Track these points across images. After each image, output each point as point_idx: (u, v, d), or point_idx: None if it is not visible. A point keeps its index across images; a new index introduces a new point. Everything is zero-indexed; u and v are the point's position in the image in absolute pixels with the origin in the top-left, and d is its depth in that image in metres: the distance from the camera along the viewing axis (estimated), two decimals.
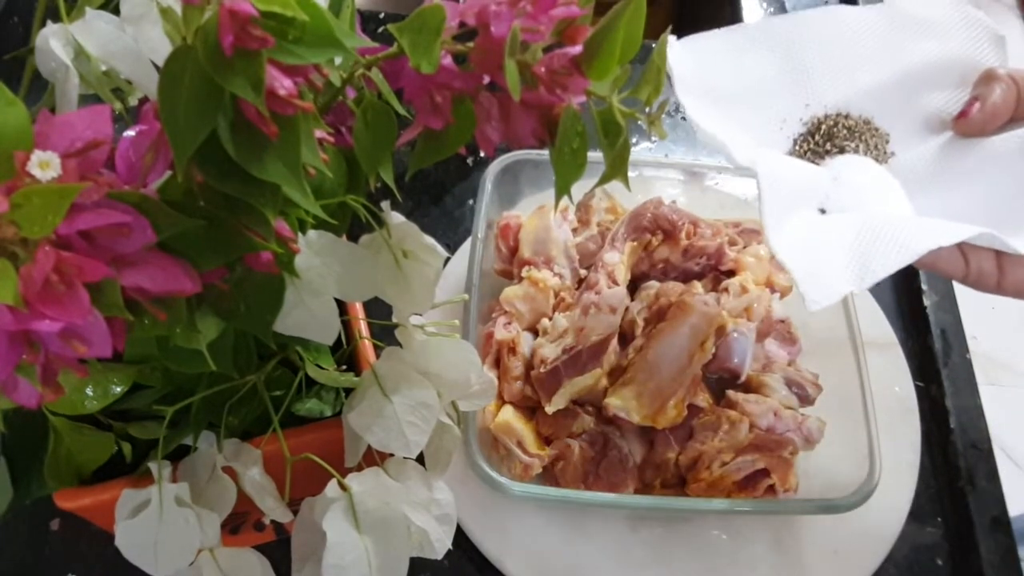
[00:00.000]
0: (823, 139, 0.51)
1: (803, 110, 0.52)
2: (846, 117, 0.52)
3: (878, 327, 0.68)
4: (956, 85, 0.51)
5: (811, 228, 0.44)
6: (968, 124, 0.49)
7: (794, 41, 0.52)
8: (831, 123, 0.52)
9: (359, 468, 0.37)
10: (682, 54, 0.51)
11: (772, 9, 0.89)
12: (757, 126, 0.52)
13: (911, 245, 0.41)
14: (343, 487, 0.35)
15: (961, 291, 0.70)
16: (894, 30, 0.52)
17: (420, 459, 0.37)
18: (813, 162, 0.51)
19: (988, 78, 0.48)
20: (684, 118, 0.81)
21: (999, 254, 0.45)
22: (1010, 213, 0.47)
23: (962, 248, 0.45)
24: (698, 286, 0.61)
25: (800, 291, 0.41)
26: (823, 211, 0.47)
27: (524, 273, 0.61)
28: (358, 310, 0.45)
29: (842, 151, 0.51)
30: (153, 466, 0.35)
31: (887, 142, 0.52)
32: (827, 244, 0.43)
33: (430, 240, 0.36)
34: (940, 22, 0.52)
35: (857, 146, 0.51)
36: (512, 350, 0.58)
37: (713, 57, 0.51)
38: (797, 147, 0.52)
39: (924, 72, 0.51)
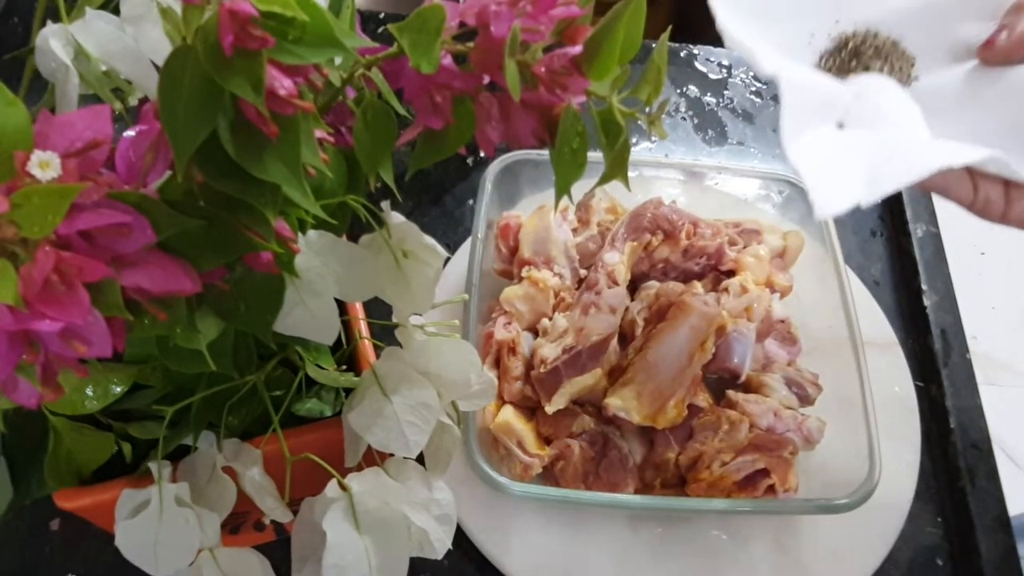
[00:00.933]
0: (849, 56, 0.51)
1: (832, 25, 0.52)
2: (875, 36, 0.52)
3: (878, 327, 0.68)
4: (987, 16, 0.51)
5: (827, 141, 0.44)
6: (993, 52, 0.48)
7: None
8: (859, 40, 0.51)
9: (359, 468, 0.37)
10: None
11: None
12: (785, 38, 0.51)
13: (920, 162, 0.41)
14: (343, 487, 0.35)
15: (961, 291, 0.70)
16: None
17: (420, 459, 0.37)
18: (838, 78, 0.51)
19: (1018, 8, 0.48)
20: (684, 118, 0.81)
21: (1008, 185, 0.45)
22: None
23: (972, 175, 0.45)
24: (698, 286, 0.61)
25: (810, 197, 0.41)
26: (841, 126, 0.47)
27: (524, 273, 0.61)
28: (358, 310, 0.45)
29: (867, 69, 0.51)
30: (153, 466, 0.35)
31: (912, 65, 0.52)
32: (841, 156, 0.43)
33: (430, 240, 0.36)
34: None
35: (883, 66, 0.51)
36: (512, 350, 0.58)
37: None
38: (823, 62, 0.52)
39: (958, 1, 0.51)
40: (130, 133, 0.27)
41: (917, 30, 0.52)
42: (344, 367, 0.42)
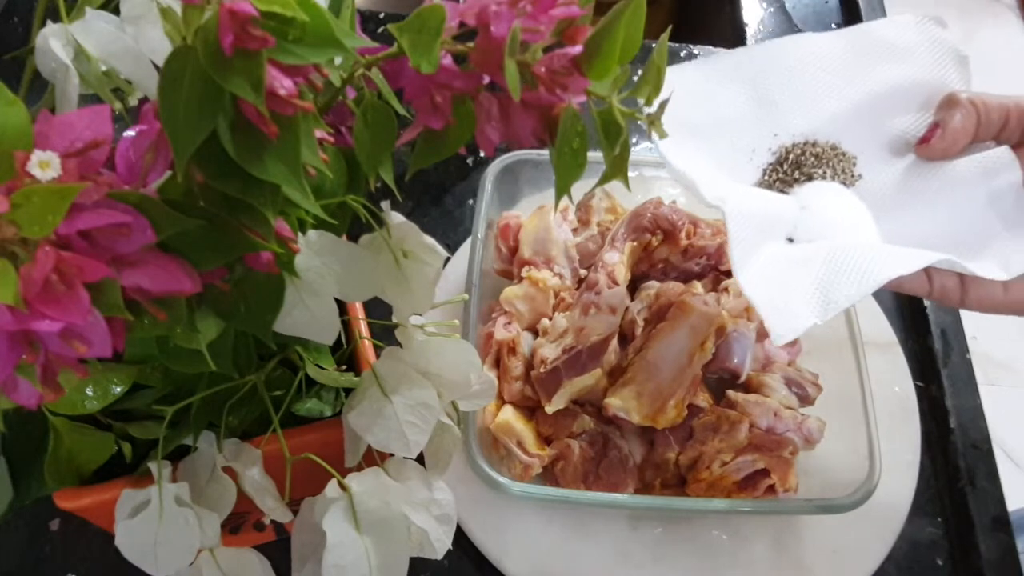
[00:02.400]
0: (791, 168, 0.52)
1: (771, 140, 0.53)
2: (813, 145, 0.53)
3: (878, 327, 0.68)
4: (920, 108, 0.52)
5: (778, 261, 0.45)
6: (930, 150, 0.50)
7: (762, 72, 0.53)
8: (799, 152, 0.53)
9: (359, 468, 0.37)
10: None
11: (772, 9, 0.89)
12: (728, 157, 0.53)
13: (873, 274, 0.42)
14: (343, 487, 0.35)
15: None
16: (859, 55, 0.53)
17: (420, 459, 0.37)
18: (782, 191, 0.52)
19: (949, 103, 0.49)
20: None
21: (962, 273, 0.46)
22: (971, 235, 0.49)
23: (926, 269, 0.46)
24: (698, 286, 0.61)
25: (765, 326, 0.42)
26: (791, 240, 0.48)
27: (524, 273, 0.61)
28: (358, 310, 0.45)
29: (810, 178, 0.52)
30: (153, 466, 0.35)
31: (854, 165, 0.53)
32: (793, 276, 0.44)
33: (430, 240, 0.36)
34: (904, 44, 0.53)
35: (825, 172, 0.52)
36: (512, 350, 0.58)
37: (685, 91, 0.52)
38: (766, 177, 0.53)
39: (889, 96, 0.52)
40: (130, 133, 0.27)
41: (854, 131, 0.53)
42: (344, 367, 0.42)
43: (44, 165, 0.23)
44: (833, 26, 0.88)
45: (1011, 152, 0.49)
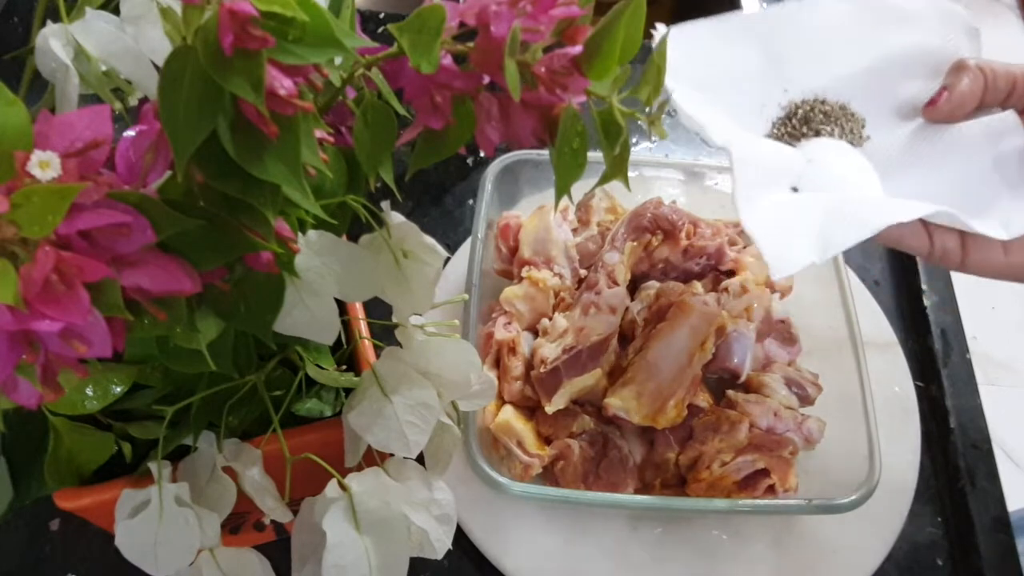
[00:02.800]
0: (800, 123, 0.53)
1: (782, 95, 0.54)
2: (823, 102, 0.53)
3: (878, 327, 0.68)
4: (930, 74, 0.52)
5: (781, 206, 0.46)
6: (936, 112, 0.50)
7: (774, 30, 0.54)
8: (808, 107, 0.53)
9: (359, 468, 0.37)
10: (671, 43, 0.52)
11: None
12: (737, 109, 0.53)
13: (871, 220, 0.43)
14: (343, 487, 0.35)
15: (961, 291, 0.70)
16: (871, 19, 0.53)
17: (420, 459, 0.37)
18: (790, 143, 0.52)
19: (958, 68, 0.50)
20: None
21: (963, 234, 0.46)
22: (975, 195, 0.49)
23: (927, 227, 0.47)
24: (698, 286, 0.61)
25: (764, 260, 0.43)
26: (796, 190, 0.49)
27: (524, 273, 0.61)
28: (358, 310, 0.45)
29: (818, 134, 0.52)
30: (153, 466, 0.35)
31: (863, 126, 0.53)
32: (795, 219, 0.45)
33: (430, 240, 0.36)
34: (917, 13, 0.53)
35: (833, 130, 0.52)
36: (512, 350, 0.58)
37: (699, 46, 0.52)
38: (775, 130, 0.53)
39: (900, 60, 0.53)
40: (130, 133, 0.27)
41: (864, 93, 0.53)
42: (344, 367, 0.42)
43: (44, 165, 0.23)
44: None
45: (1016, 116, 0.49)
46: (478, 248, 0.61)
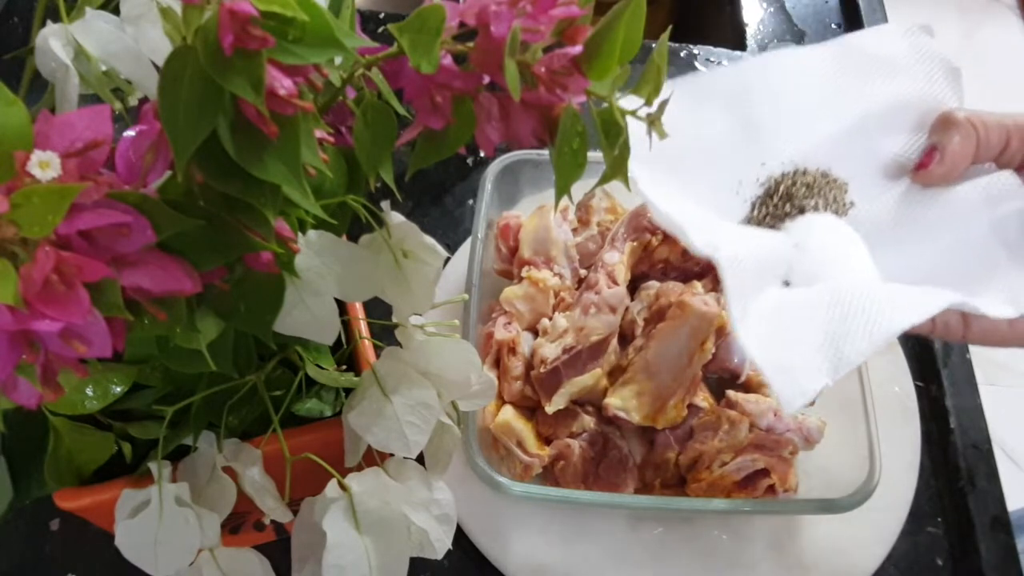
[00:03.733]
0: (782, 200, 0.49)
1: (759, 169, 0.50)
2: (803, 173, 0.50)
3: None
4: (914, 128, 0.49)
5: (778, 310, 0.43)
6: (928, 176, 0.47)
7: (746, 92, 0.50)
8: (789, 182, 0.49)
9: (359, 468, 0.37)
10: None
11: (772, 8, 0.89)
12: (713, 192, 0.49)
13: (883, 325, 0.40)
14: (343, 487, 0.35)
15: None
16: (846, 71, 0.50)
17: (420, 459, 0.37)
18: (773, 226, 0.49)
19: (946, 124, 0.46)
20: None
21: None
22: (975, 265, 0.46)
23: None
24: (698, 286, 0.61)
25: (774, 392, 0.40)
26: (787, 283, 0.46)
27: (524, 273, 0.61)
28: (358, 310, 0.45)
29: (802, 211, 0.49)
30: (153, 466, 0.35)
31: (846, 192, 0.50)
32: (798, 329, 0.42)
33: (430, 240, 0.36)
34: (892, 58, 0.49)
35: (816, 203, 0.49)
36: (512, 350, 0.58)
37: (666, 113, 0.49)
38: (756, 212, 0.50)
39: (880, 115, 0.49)
40: (130, 133, 0.27)
41: (846, 154, 0.50)
42: (344, 367, 0.42)
43: (44, 165, 0.23)
44: (833, 26, 0.88)
45: (1016, 178, 0.45)
46: (478, 248, 0.61)
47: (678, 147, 0.46)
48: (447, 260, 0.41)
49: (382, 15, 0.83)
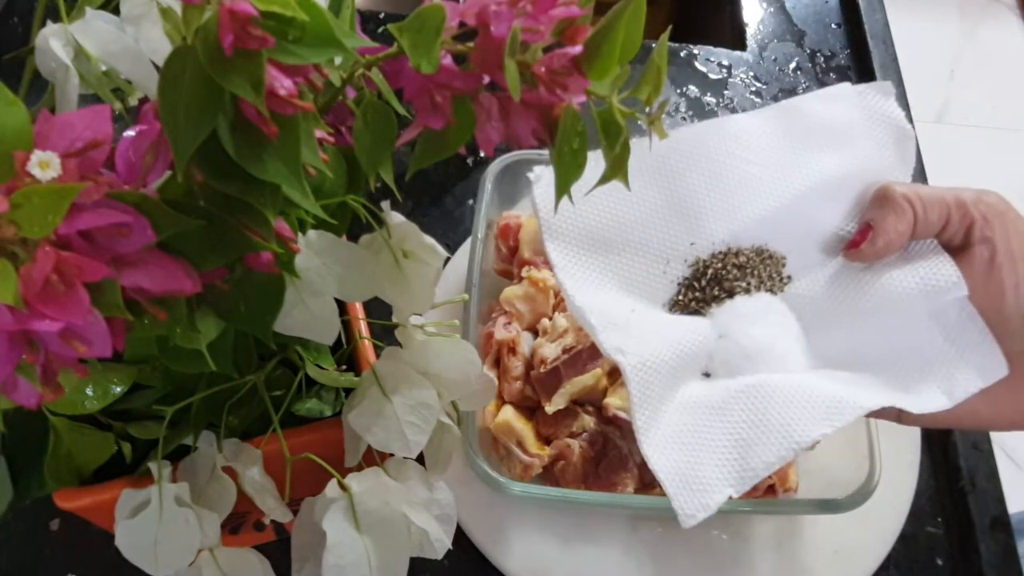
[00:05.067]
0: (710, 284, 0.47)
1: (688, 249, 0.47)
2: (735, 254, 0.47)
3: None
4: (856, 200, 0.47)
5: (691, 409, 0.42)
6: (860, 255, 0.45)
7: (681, 163, 0.47)
8: (718, 264, 0.47)
9: (359, 468, 0.37)
10: (549, 189, 0.45)
11: (772, 9, 0.89)
12: (639, 271, 0.47)
13: (796, 434, 0.39)
14: (343, 487, 0.35)
15: None
16: (791, 139, 0.47)
17: (420, 459, 0.37)
18: (699, 311, 0.47)
19: (882, 200, 0.44)
20: (684, 118, 0.81)
21: None
22: (911, 353, 0.44)
23: None
24: None
25: (673, 505, 0.39)
26: (708, 375, 0.45)
27: (524, 273, 0.61)
28: (358, 310, 0.45)
29: (731, 294, 0.47)
30: (153, 466, 0.35)
31: (783, 266, 0.48)
32: (708, 432, 0.41)
33: (430, 240, 0.36)
34: (840, 123, 0.47)
35: (749, 283, 0.47)
36: (512, 350, 0.58)
37: (593, 191, 0.44)
38: (681, 296, 0.47)
39: (823, 187, 0.47)
40: (130, 133, 0.27)
41: (784, 229, 0.47)
42: (344, 367, 0.42)
43: (44, 165, 0.23)
44: (833, 26, 0.88)
45: (956, 270, 0.42)
46: (478, 248, 0.61)
47: (604, 223, 0.46)
48: (447, 260, 0.41)
49: (382, 15, 0.83)
